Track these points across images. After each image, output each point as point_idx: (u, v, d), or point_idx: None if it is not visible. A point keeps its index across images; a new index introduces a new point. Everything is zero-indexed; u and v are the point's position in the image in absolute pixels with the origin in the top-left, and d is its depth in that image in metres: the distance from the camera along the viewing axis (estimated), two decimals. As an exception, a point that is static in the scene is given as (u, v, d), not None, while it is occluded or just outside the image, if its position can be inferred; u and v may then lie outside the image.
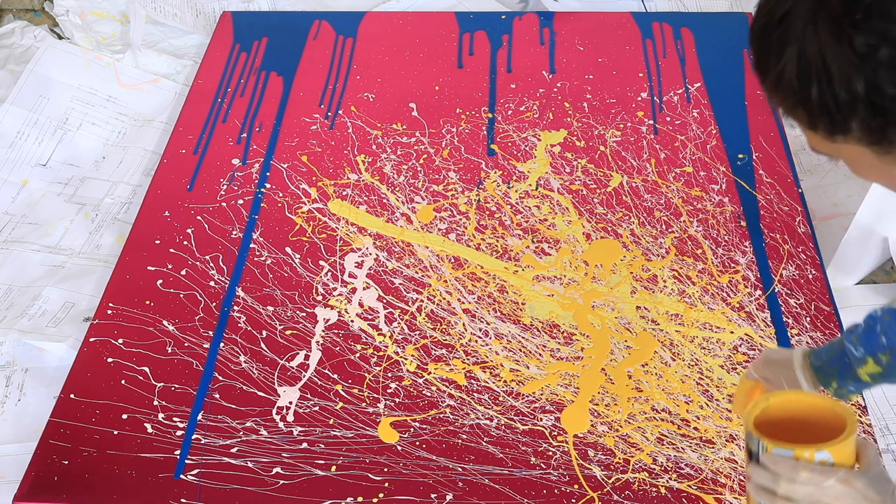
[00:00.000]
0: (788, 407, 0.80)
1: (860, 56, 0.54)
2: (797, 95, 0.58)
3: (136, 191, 1.64)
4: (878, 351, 0.89)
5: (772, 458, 0.75)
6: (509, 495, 1.14)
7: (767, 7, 0.59)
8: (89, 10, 1.96)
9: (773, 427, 0.79)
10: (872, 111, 0.56)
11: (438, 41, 1.84)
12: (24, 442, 1.27)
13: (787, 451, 0.74)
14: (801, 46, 0.56)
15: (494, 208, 1.50)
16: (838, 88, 0.55)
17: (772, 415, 0.79)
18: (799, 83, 0.57)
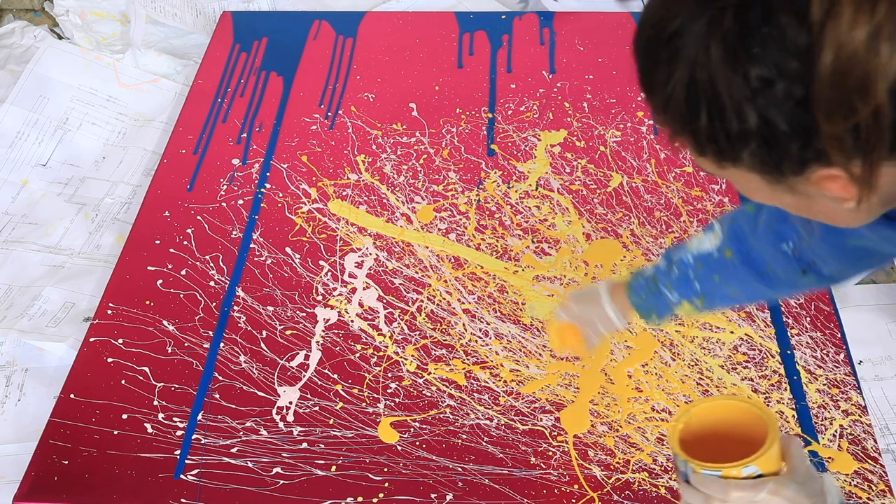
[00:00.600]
0: (709, 415, 0.80)
1: (754, 89, 0.49)
2: (685, 121, 0.54)
3: (136, 191, 1.64)
4: (693, 296, 0.94)
5: (701, 480, 0.75)
6: (509, 495, 1.14)
7: (654, 20, 0.53)
8: (89, 10, 1.96)
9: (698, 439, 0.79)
10: (766, 145, 0.52)
11: (438, 41, 1.84)
12: (24, 442, 1.27)
13: (715, 471, 0.74)
14: (691, 71, 0.51)
15: (494, 208, 1.50)
16: (730, 120, 0.51)
17: (694, 426, 0.79)
18: (688, 109, 0.53)
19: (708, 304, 0.95)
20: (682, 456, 0.76)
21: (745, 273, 0.90)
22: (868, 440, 1.18)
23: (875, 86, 0.47)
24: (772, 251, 0.87)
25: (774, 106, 0.50)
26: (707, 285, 0.93)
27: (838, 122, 0.49)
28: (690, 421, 0.79)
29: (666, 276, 0.96)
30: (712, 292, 0.94)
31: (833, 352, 1.27)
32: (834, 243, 0.80)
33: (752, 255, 0.89)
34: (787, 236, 0.85)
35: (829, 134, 0.49)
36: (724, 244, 0.91)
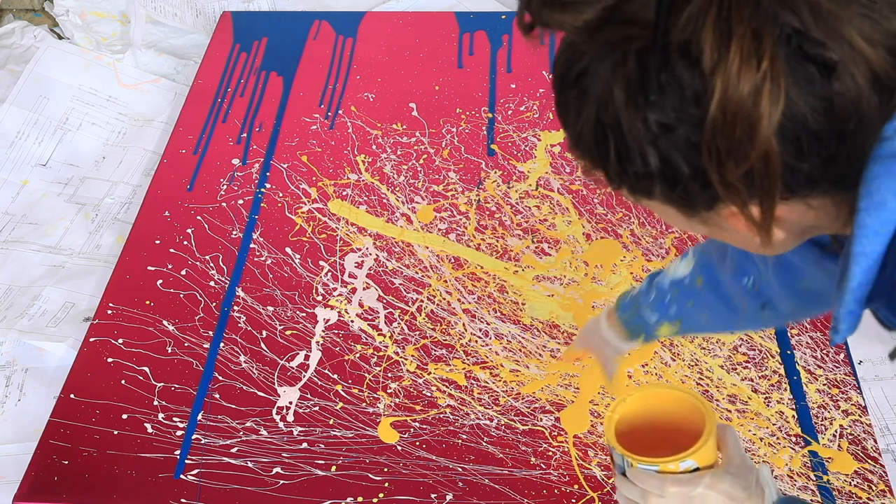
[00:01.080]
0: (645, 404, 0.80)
1: (654, 134, 0.50)
2: (595, 158, 0.55)
3: (136, 191, 1.64)
4: (669, 318, 0.97)
5: (637, 474, 0.76)
6: (509, 495, 1.14)
7: (564, 57, 0.54)
8: (89, 10, 1.96)
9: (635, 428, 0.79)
10: (670, 185, 0.53)
11: (438, 41, 1.84)
12: (24, 442, 1.27)
13: (652, 466, 0.75)
14: (598, 111, 0.52)
15: (494, 208, 1.50)
16: (634, 160, 0.52)
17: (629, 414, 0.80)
18: (597, 148, 0.53)
19: (684, 329, 0.97)
20: (619, 449, 0.77)
21: (714, 302, 0.92)
22: (868, 440, 1.18)
23: (761, 134, 0.48)
24: (734, 283, 0.88)
25: (675, 149, 0.51)
26: (682, 310, 0.95)
27: (730, 169, 0.49)
28: (626, 411, 0.80)
29: (645, 299, 0.98)
30: (687, 318, 0.96)
31: (833, 352, 1.27)
32: (786, 283, 0.82)
33: (719, 285, 0.91)
34: (748, 271, 0.86)
35: (721, 181, 0.50)
36: (696, 272, 0.93)
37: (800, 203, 0.54)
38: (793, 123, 0.48)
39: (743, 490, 0.75)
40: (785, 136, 0.49)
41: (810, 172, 0.51)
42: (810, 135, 0.49)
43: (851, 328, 0.58)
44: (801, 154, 0.50)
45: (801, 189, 0.52)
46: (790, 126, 0.48)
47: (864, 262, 0.54)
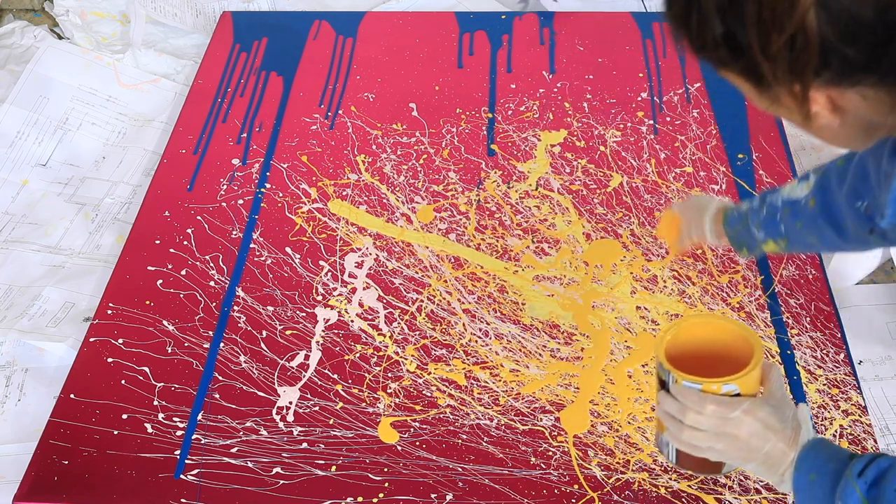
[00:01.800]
0: (697, 331, 0.83)
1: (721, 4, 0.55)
2: (682, 27, 0.60)
3: (136, 191, 1.64)
4: (777, 236, 1.00)
5: (680, 390, 0.79)
6: (509, 495, 1.14)
7: None
8: (89, 10, 1.96)
9: (684, 352, 0.82)
10: (735, 55, 0.58)
11: (438, 41, 1.84)
12: (24, 442, 1.27)
13: (696, 384, 0.77)
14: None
15: (494, 208, 1.50)
16: (707, 30, 0.57)
17: (682, 340, 0.82)
18: (683, 15, 0.59)
19: (790, 247, 1.00)
20: (666, 365, 0.79)
21: (824, 223, 0.94)
22: (868, 440, 1.18)
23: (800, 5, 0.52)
24: (848, 206, 0.90)
25: (738, 21, 0.55)
26: (790, 230, 0.98)
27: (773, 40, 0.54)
28: (679, 334, 0.82)
29: (756, 215, 1.01)
30: (794, 237, 0.98)
31: (833, 352, 1.27)
32: None
33: (832, 207, 0.93)
34: (863, 195, 0.88)
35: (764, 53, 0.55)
36: (811, 194, 0.95)
37: (853, 93, 0.57)
38: (836, 4, 0.52)
39: (779, 422, 0.77)
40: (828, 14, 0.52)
41: (857, 59, 0.54)
42: (855, 19, 0.52)
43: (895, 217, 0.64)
44: (846, 37, 0.53)
45: (850, 75, 0.55)
46: (834, 7, 0.52)
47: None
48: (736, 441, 0.78)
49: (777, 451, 0.77)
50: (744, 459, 0.79)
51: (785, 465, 0.77)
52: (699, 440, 0.79)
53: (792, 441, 0.77)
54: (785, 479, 0.78)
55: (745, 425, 0.77)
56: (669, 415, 0.80)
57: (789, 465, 0.77)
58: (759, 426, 0.77)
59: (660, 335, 0.82)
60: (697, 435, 0.79)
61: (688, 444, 0.80)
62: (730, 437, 0.77)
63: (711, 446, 0.79)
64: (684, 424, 0.79)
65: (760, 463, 0.78)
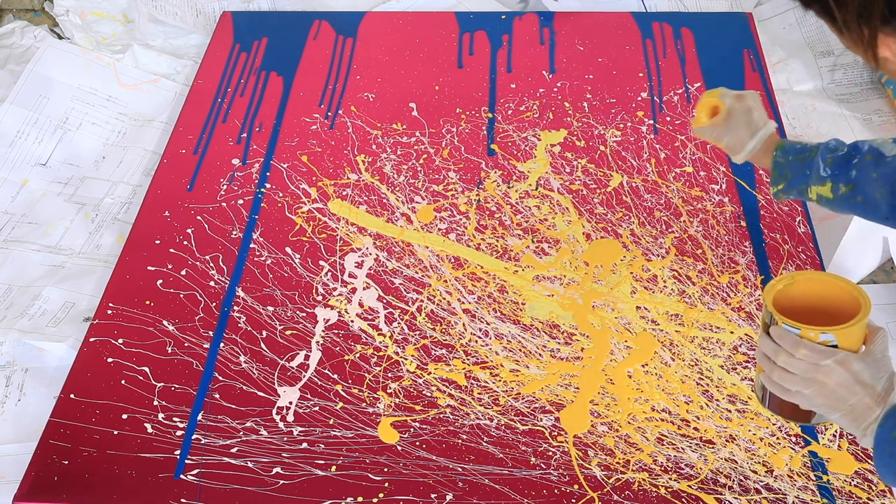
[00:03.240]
0: (811, 287, 0.84)
1: None
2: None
3: (136, 191, 1.64)
4: (842, 181, 0.98)
5: (778, 332, 0.81)
6: (509, 495, 1.14)
7: None
8: (89, 10, 1.96)
9: (795, 305, 0.83)
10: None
11: (438, 41, 1.84)
12: (24, 442, 1.27)
13: (795, 328, 0.79)
14: None
15: (494, 208, 1.50)
16: None
17: (794, 292, 0.84)
18: None
19: (849, 196, 0.97)
20: (770, 307, 0.81)
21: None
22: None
23: None
24: None
25: None
26: (862, 177, 0.96)
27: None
28: (791, 286, 0.84)
29: (830, 152, 0.99)
30: (862, 186, 0.96)
31: (833, 352, 1.27)
32: None
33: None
34: None
35: None
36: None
37: None
38: None
39: (870, 378, 0.79)
40: None
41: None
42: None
43: None
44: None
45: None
46: None
47: None
48: (824, 388, 0.79)
49: (862, 406, 0.78)
50: (829, 408, 0.80)
51: (869, 420, 0.78)
52: (788, 382, 0.80)
53: (880, 398, 0.78)
54: (867, 434, 0.79)
55: (835, 374, 0.78)
56: (765, 355, 0.82)
57: (873, 422, 0.78)
58: (848, 378, 0.78)
59: (771, 283, 0.84)
60: (787, 377, 0.80)
61: (777, 386, 0.82)
62: (818, 384, 0.79)
63: (800, 390, 0.80)
64: (776, 365, 0.80)
65: (845, 414, 0.79)
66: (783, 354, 0.80)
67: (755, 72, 1.71)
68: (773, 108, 1.65)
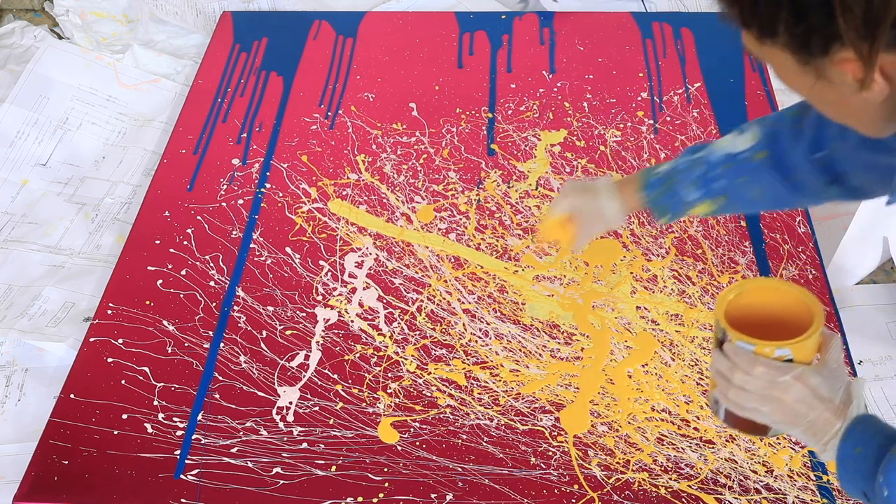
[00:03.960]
0: (761, 295, 0.82)
1: None
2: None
3: (136, 191, 1.64)
4: (714, 195, 0.97)
5: (733, 349, 0.78)
6: (509, 495, 1.14)
7: None
8: (89, 10, 1.96)
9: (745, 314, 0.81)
10: (796, 17, 0.57)
11: (438, 41, 1.84)
12: (24, 442, 1.27)
13: (749, 345, 0.77)
14: None
15: (494, 208, 1.50)
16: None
17: (744, 302, 0.81)
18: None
19: (727, 205, 0.98)
20: (723, 322, 0.79)
21: (772, 177, 0.93)
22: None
23: None
24: (803, 158, 0.89)
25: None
26: (731, 185, 0.95)
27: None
28: (742, 295, 0.82)
29: (686, 174, 0.98)
30: (735, 193, 0.96)
31: (833, 352, 1.27)
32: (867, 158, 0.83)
33: (784, 159, 0.92)
34: (822, 146, 0.88)
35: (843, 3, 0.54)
36: (759, 145, 0.93)
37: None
38: None
39: (828, 391, 0.77)
40: None
41: None
42: None
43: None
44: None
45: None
46: None
47: None
48: (782, 405, 0.77)
49: (822, 421, 0.77)
50: (788, 424, 0.78)
51: (829, 434, 0.77)
52: (745, 400, 0.79)
53: (839, 412, 0.76)
54: (828, 448, 0.77)
55: (792, 391, 0.76)
56: (720, 372, 0.80)
57: (834, 436, 0.77)
58: (807, 393, 0.76)
59: (722, 293, 0.81)
60: (744, 395, 0.78)
61: (734, 404, 0.80)
62: (776, 401, 0.77)
63: (757, 408, 0.78)
64: (732, 383, 0.79)
65: (805, 430, 0.78)
66: (739, 372, 0.77)
67: (755, 71, 1.71)
68: (773, 107, 1.65)
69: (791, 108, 0.92)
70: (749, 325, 0.79)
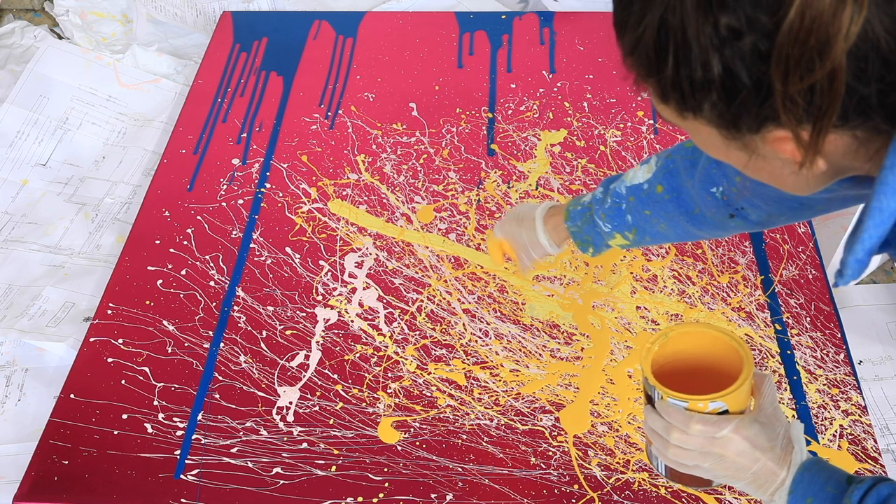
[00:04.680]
0: (685, 341, 0.80)
1: (722, 39, 0.50)
2: (652, 65, 0.55)
3: (136, 191, 1.64)
4: (625, 229, 0.96)
5: (665, 408, 0.76)
6: (509, 495, 1.14)
7: None
8: (89, 10, 1.96)
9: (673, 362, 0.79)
10: (726, 97, 0.52)
11: (438, 41, 1.84)
12: (24, 442, 1.27)
13: (682, 402, 0.75)
14: (664, 14, 0.51)
15: (494, 208, 1.50)
16: (695, 68, 0.52)
17: (668, 350, 0.79)
18: (656, 54, 0.53)
19: (639, 239, 0.96)
20: (651, 380, 0.76)
21: (674, 210, 0.91)
22: (868, 440, 1.18)
23: (834, 49, 0.47)
24: (702, 192, 0.88)
25: (739, 58, 0.50)
26: (638, 219, 0.94)
27: (794, 83, 0.49)
28: (666, 344, 0.79)
29: (600, 206, 0.96)
30: (643, 227, 0.95)
31: (833, 352, 1.27)
32: (768, 192, 0.81)
33: (682, 193, 0.90)
34: (718, 182, 0.86)
35: (784, 93, 0.50)
36: (656, 179, 0.91)
37: (848, 134, 0.53)
38: (864, 43, 0.48)
39: (768, 440, 0.75)
40: (854, 55, 0.48)
41: (868, 99, 0.50)
42: (879, 57, 0.48)
43: (856, 274, 0.58)
44: (865, 77, 0.49)
45: (854, 117, 0.52)
46: (861, 45, 0.48)
47: (878, 217, 0.53)
48: (723, 460, 0.75)
49: (765, 471, 0.74)
50: (731, 478, 0.76)
51: (774, 484, 0.75)
52: (685, 458, 0.77)
53: (781, 460, 0.75)
54: (775, 499, 0.75)
55: (732, 444, 0.74)
56: (656, 432, 0.78)
57: (779, 485, 0.75)
58: (746, 445, 0.74)
59: (646, 346, 0.79)
60: (683, 453, 0.76)
61: (674, 462, 0.78)
62: (716, 457, 0.75)
63: (698, 464, 0.76)
64: (670, 443, 0.76)
65: (749, 482, 0.76)
66: (675, 431, 0.75)
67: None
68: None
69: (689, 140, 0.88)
70: (677, 374, 0.78)
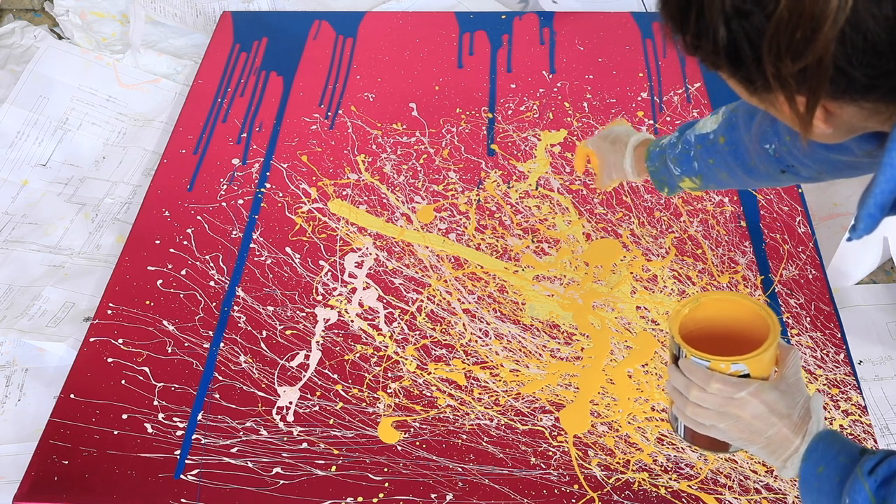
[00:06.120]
0: (717, 308, 0.81)
1: (727, 14, 0.54)
2: (678, 24, 0.59)
3: (136, 191, 1.64)
4: (692, 174, 1.00)
5: (688, 365, 0.78)
6: (509, 495, 1.14)
7: None
8: (89, 10, 1.96)
9: (701, 328, 0.81)
10: (734, 64, 0.57)
11: (438, 41, 1.84)
12: (24, 442, 1.27)
13: (704, 361, 0.76)
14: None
15: (494, 208, 1.50)
16: (707, 36, 0.56)
17: (700, 316, 0.81)
18: (680, 17, 0.58)
19: (704, 184, 1.00)
20: (677, 338, 0.78)
21: (732, 161, 0.94)
22: (868, 440, 1.18)
23: (822, 36, 0.51)
24: (757, 147, 0.91)
25: (744, 33, 0.54)
26: (703, 166, 0.98)
27: (786, 65, 0.53)
28: (697, 309, 0.81)
29: (672, 151, 1.01)
30: (707, 174, 0.98)
31: (833, 352, 1.27)
32: (817, 154, 0.85)
33: (739, 146, 0.93)
34: (770, 139, 0.89)
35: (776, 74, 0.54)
36: (720, 130, 0.95)
37: (851, 104, 0.57)
38: (854, 31, 0.50)
39: (786, 408, 0.76)
40: (843, 43, 0.51)
41: (864, 80, 0.53)
42: (868, 46, 0.51)
43: (868, 229, 0.61)
44: (856, 62, 0.52)
45: (853, 93, 0.55)
46: (850, 33, 0.51)
47: (890, 172, 0.56)
48: (739, 422, 0.76)
49: (780, 437, 0.76)
50: (746, 441, 0.78)
51: (788, 451, 0.76)
52: (702, 417, 0.78)
53: (798, 428, 0.76)
54: (787, 465, 0.76)
55: (749, 407, 0.75)
56: (676, 389, 0.79)
57: (793, 453, 0.76)
58: (763, 409, 0.75)
59: (676, 308, 0.80)
60: (701, 412, 0.78)
61: (692, 421, 0.80)
62: (733, 417, 0.76)
63: (714, 424, 0.78)
64: (689, 399, 0.78)
65: (763, 447, 0.77)
66: (695, 389, 0.77)
67: None
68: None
69: None
70: (705, 340, 0.79)
